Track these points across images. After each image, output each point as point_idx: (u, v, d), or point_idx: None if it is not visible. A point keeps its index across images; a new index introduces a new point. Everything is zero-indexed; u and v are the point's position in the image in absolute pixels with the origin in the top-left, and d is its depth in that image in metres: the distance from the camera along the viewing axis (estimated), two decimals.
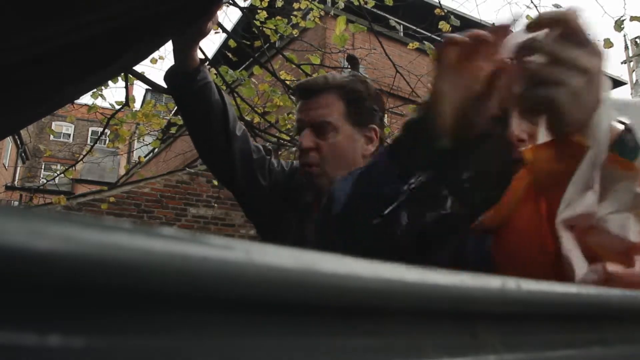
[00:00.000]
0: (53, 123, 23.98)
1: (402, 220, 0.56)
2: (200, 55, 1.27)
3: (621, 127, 0.53)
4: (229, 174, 1.24)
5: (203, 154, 1.29)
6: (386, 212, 0.55)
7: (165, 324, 0.16)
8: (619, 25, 3.41)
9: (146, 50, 1.25)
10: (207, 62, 3.25)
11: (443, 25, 3.21)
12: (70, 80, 1.15)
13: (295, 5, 3.79)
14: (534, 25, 0.50)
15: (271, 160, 1.30)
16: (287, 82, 3.37)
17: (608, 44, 3.44)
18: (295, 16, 3.78)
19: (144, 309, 0.15)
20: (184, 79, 1.20)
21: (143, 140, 4.65)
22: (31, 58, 0.99)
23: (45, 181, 5.31)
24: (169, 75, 1.23)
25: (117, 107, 3.29)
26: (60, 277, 0.13)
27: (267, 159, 1.30)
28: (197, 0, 1.09)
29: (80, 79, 1.17)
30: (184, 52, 1.19)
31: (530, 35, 0.50)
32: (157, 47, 1.26)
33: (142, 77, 2.57)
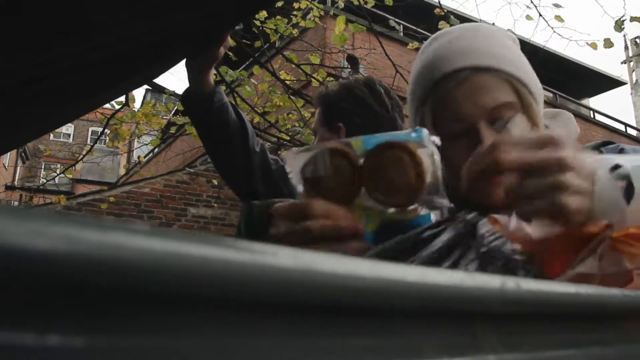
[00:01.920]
0: None
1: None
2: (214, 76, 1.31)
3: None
4: (251, 190, 1.28)
5: (224, 173, 1.34)
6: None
7: (165, 324, 0.16)
8: (619, 25, 3.42)
9: (155, 72, 1.27)
10: None
11: (443, 25, 3.21)
12: (77, 99, 1.16)
13: (295, 5, 3.78)
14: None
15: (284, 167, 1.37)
16: (287, 82, 3.37)
17: (608, 43, 3.45)
18: (295, 16, 3.78)
19: (144, 309, 0.15)
20: (200, 103, 1.23)
21: (142, 139, 4.65)
22: (39, 77, 1.00)
23: (45, 181, 5.31)
24: (185, 99, 1.26)
25: (117, 107, 3.29)
26: (60, 277, 0.13)
27: (285, 167, 1.35)
28: (208, 26, 1.10)
29: (87, 99, 1.19)
30: (199, 76, 1.22)
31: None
32: (164, 70, 1.28)
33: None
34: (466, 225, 0.50)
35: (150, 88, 1.18)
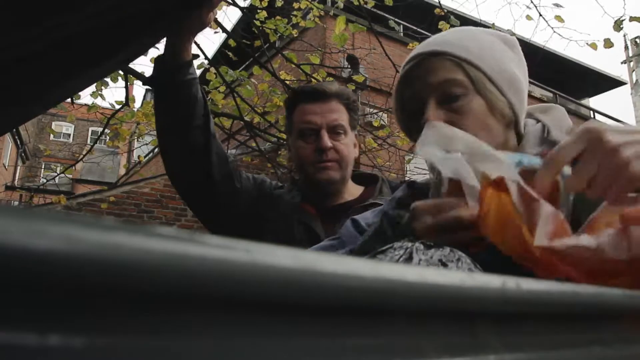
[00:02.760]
0: (53, 123, 24.00)
1: None
2: (198, 53, 1.27)
3: None
4: (206, 173, 1.24)
5: (179, 151, 1.25)
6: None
7: (165, 324, 0.16)
8: (618, 25, 3.42)
9: (146, 43, 1.25)
10: (207, 62, 3.25)
11: (443, 26, 3.21)
12: (70, 74, 1.15)
13: (295, 5, 3.78)
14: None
15: (239, 169, 1.36)
16: (287, 82, 3.36)
17: (608, 43, 3.45)
18: (295, 16, 3.78)
19: (144, 309, 0.15)
20: (176, 70, 1.19)
21: (142, 139, 4.65)
22: (30, 53, 0.99)
23: (45, 181, 5.31)
24: (159, 64, 1.22)
25: (117, 106, 3.29)
26: (60, 277, 0.13)
27: (236, 165, 1.35)
28: None
29: (81, 73, 1.17)
30: (180, 43, 1.18)
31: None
32: (157, 40, 1.25)
33: (142, 77, 2.57)
34: (405, 253, 0.51)
35: (150, 88, 1.18)
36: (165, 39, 1.20)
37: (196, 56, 1.24)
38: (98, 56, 1.11)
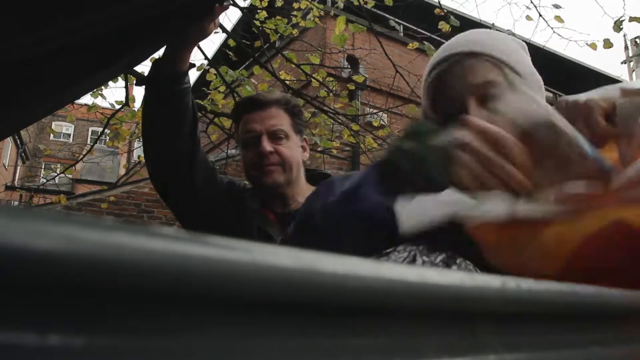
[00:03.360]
0: (53, 123, 23.99)
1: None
2: (198, 54, 1.29)
3: None
4: (188, 179, 1.27)
5: (167, 156, 1.27)
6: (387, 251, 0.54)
7: (165, 323, 0.16)
8: (617, 25, 3.41)
9: (149, 49, 1.25)
10: (207, 62, 3.25)
11: (443, 26, 3.21)
12: (72, 79, 1.15)
13: (295, 5, 3.78)
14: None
15: (218, 171, 1.41)
16: (287, 82, 3.36)
17: (607, 44, 3.44)
18: (295, 16, 3.78)
19: (144, 309, 0.15)
20: (171, 80, 1.21)
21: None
22: (34, 57, 0.99)
23: (45, 181, 5.31)
24: (156, 70, 1.23)
25: (117, 106, 3.29)
26: (60, 277, 0.13)
27: (216, 169, 1.39)
28: (201, 1, 1.09)
29: (82, 79, 1.18)
30: (179, 52, 1.20)
31: None
32: (161, 46, 1.26)
33: (141, 78, 2.57)
34: (408, 256, 0.50)
35: None
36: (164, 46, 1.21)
37: (193, 65, 1.27)
38: (100, 62, 1.12)
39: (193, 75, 1.40)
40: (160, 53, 1.26)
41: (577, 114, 0.60)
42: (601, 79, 13.11)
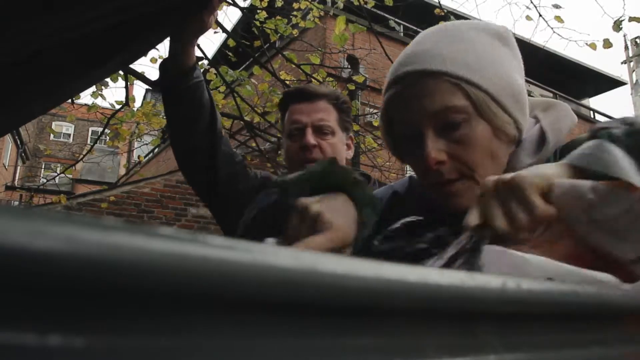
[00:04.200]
0: (53, 123, 24.00)
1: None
2: (197, 53, 1.28)
3: None
4: (211, 175, 1.26)
5: (186, 154, 1.27)
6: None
7: (165, 323, 0.16)
8: (617, 25, 3.41)
9: (147, 45, 1.25)
10: (207, 62, 3.25)
11: None
12: (68, 77, 1.15)
13: (295, 5, 3.78)
14: None
15: (248, 165, 1.38)
16: (287, 82, 3.36)
17: (607, 44, 3.45)
18: (295, 16, 3.78)
19: (144, 309, 0.15)
20: (180, 76, 1.20)
21: (142, 139, 4.65)
22: (31, 54, 0.99)
23: (45, 181, 5.31)
24: (163, 69, 1.23)
25: (117, 106, 3.29)
26: (61, 277, 0.13)
27: (245, 163, 1.36)
28: None
29: (79, 76, 1.17)
30: (183, 47, 1.19)
31: None
32: (157, 42, 1.26)
33: (142, 77, 2.57)
34: (469, 242, 0.50)
35: (150, 88, 1.18)
36: (166, 40, 1.21)
37: (200, 59, 1.25)
38: (96, 59, 1.12)
39: None
40: (159, 52, 1.25)
41: (509, 192, 0.51)
42: (601, 79, 13.11)
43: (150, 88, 1.18)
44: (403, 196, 0.79)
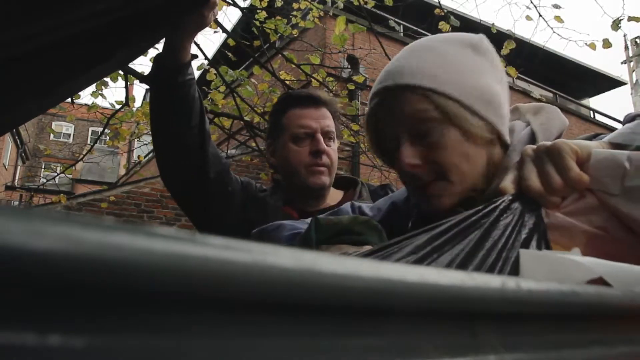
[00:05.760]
0: (53, 123, 24.00)
1: None
2: (197, 54, 1.27)
3: None
4: (201, 171, 1.24)
5: (176, 150, 1.24)
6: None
7: (165, 324, 0.16)
8: (616, 24, 3.42)
9: (145, 43, 1.24)
10: (207, 62, 3.25)
11: (443, 26, 3.21)
12: (66, 75, 1.14)
13: (295, 5, 3.78)
14: None
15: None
16: (287, 82, 3.37)
17: (607, 44, 3.45)
18: (295, 16, 3.78)
19: (144, 309, 0.15)
20: (174, 71, 1.19)
21: (142, 139, 4.65)
22: (28, 53, 0.99)
23: (45, 181, 5.31)
24: (158, 63, 1.21)
25: (117, 106, 3.29)
26: (60, 277, 0.13)
27: (229, 166, 1.35)
28: None
29: (76, 75, 1.17)
30: (180, 43, 1.18)
31: None
32: (157, 40, 1.25)
33: (142, 77, 2.57)
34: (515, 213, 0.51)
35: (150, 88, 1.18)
36: (164, 38, 1.20)
37: (195, 56, 1.24)
38: (94, 57, 1.11)
39: None
40: (159, 51, 1.24)
41: (547, 156, 0.54)
42: (601, 79, 13.12)
43: (150, 88, 1.18)
44: (401, 207, 0.85)
